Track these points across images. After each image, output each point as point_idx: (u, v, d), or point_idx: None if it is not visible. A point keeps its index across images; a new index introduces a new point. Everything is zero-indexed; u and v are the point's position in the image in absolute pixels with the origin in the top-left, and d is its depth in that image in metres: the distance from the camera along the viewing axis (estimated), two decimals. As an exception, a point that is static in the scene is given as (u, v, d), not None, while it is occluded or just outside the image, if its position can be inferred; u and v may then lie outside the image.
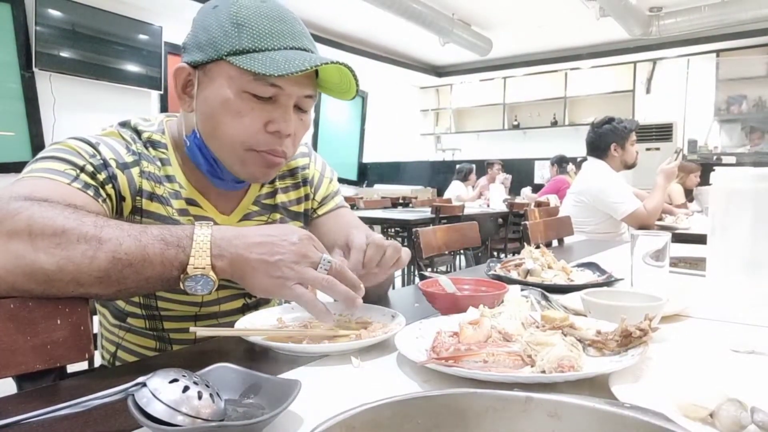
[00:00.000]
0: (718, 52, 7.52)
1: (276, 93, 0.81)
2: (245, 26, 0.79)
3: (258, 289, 0.69)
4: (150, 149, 0.88)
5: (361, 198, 6.17)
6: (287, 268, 0.68)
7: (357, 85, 0.84)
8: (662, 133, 6.49)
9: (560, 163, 6.01)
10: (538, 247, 1.31)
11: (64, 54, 5.15)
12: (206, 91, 0.82)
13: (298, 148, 0.91)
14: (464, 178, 7.12)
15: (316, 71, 0.84)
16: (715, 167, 1.13)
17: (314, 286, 0.69)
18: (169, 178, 0.89)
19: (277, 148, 0.84)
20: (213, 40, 0.80)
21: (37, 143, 5.01)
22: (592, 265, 1.31)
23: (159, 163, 0.88)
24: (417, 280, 3.41)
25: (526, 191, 6.28)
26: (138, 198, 0.85)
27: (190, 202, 0.90)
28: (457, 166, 7.36)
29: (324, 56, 0.80)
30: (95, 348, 1.02)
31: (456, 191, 6.93)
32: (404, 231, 4.59)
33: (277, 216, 1.01)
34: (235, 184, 0.92)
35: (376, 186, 8.77)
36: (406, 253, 0.85)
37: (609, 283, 1.16)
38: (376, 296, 1.02)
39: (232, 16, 0.80)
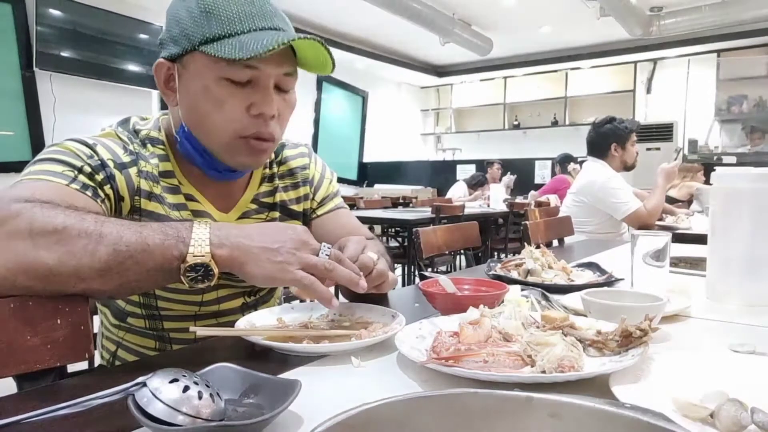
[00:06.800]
0: (718, 52, 7.52)
1: (254, 75, 0.81)
2: (213, 13, 0.79)
3: (259, 276, 0.69)
4: (148, 146, 0.89)
5: (361, 198, 6.16)
6: (288, 253, 0.69)
7: (332, 58, 0.83)
8: (662, 133, 6.48)
9: (563, 162, 5.95)
10: (538, 247, 1.31)
11: (65, 54, 5.15)
12: (186, 84, 0.83)
13: (285, 129, 0.91)
14: (474, 186, 6.93)
15: (293, 49, 0.84)
16: (715, 167, 1.13)
17: (316, 270, 0.70)
18: (167, 174, 0.89)
19: (263, 131, 0.84)
20: (185, 32, 0.80)
21: (37, 143, 5.01)
22: (592, 265, 1.31)
23: (156, 161, 0.88)
24: (417, 280, 3.41)
25: (534, 195, 6.21)
26: (137, 198, 0.85)
27: (189, 197, 0.91)
28: (473, 174, 7.25)
29: (294, 33, 0.79)
30: (95, 348, 1.02)
31: (458, 192, 6.85)
32: (404, 231, 4.58)
33: (276, 214, 1.01)
34: (231, 173, 0.91)
35: (376, 186, 8.76)
36: (392, 279, 0.85)
37: (609, 283, 1.15)
38: (376, 297, 1.02)
39: (200, 4, 0.80)
